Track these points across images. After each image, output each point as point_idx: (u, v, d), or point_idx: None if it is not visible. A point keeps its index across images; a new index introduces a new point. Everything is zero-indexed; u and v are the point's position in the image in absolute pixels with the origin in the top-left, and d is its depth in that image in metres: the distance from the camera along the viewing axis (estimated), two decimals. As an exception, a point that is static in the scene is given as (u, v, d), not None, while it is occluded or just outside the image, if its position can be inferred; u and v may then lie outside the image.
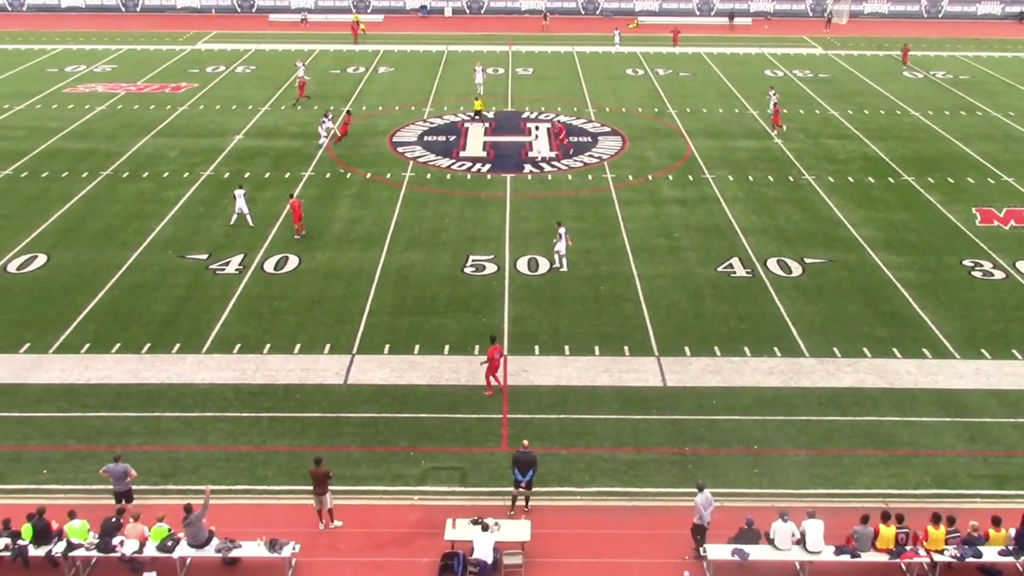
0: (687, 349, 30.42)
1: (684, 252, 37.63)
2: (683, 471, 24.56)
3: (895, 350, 30.46)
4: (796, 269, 36.12)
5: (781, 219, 41.02)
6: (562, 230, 36.17)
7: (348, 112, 53.64)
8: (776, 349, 30.44)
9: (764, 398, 27.84)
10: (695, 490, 21.82)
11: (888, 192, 44.62)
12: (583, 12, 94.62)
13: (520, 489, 22.70)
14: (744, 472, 24.59)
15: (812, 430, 26.39)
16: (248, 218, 39.71)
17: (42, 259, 36.58)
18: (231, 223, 39.79)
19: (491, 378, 28.03)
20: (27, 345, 30.39)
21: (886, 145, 51.71)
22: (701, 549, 21.20)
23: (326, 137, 50.74)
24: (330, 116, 52.26)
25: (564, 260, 35.97)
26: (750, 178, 46.24)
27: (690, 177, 46.38)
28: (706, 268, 36.16)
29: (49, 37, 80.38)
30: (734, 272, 35.85)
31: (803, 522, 21.07)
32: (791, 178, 46.32)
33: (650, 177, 46.41)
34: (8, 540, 20.86)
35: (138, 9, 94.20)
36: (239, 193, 39.96)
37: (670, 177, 46.42)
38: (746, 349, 30.43)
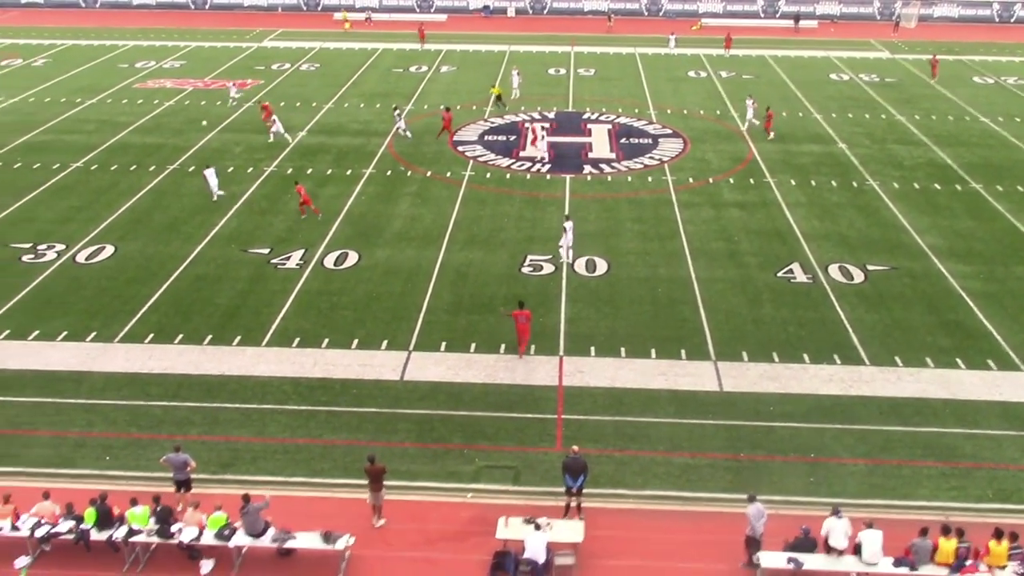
0: (744, 354, 30.13)
1: (743, 256, 37.28)
2: (738, 477, 24.34)
3: (959, 360, 29.86)
4: (858, 276, 35.58)
5: (844, 225, 40.43)
6: (568, 224, 36.41)
7: (447, 108, 53.47)
8: (836, 356, 30.02)
9: (822, 406, 27.47)
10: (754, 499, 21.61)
11: (955, 200, 43.73)
12: (646, 13, 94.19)
13: (572, 495, 22.66)
14: (800, 480, 24.29)
15: (871, 439, 25.97)
16: (214, 195, 42.39)
17: (109, 250, 37.40)
18: (213, 199, 42.19)
19: (522, 339, 29.66)
20: (93, 334, 31.11)
21: (954, 151, 50.69)
22: (754, 558, 20.98)
23: (405, 131, 51.07)
24: (400, 114, 52.54)
25: (570, 253, 36.17)
26: (812, 183, 45.65)
27: (751, 181, 45.93)
28: (765, 273, 35.79)
29: (121, 34, 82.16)
30: (794, 277, 35.43)
31: (860, 532, 20.77)
32: (855, 183, 45.63)
33: (711, 180, 46.05)
34: (72, 523, 21.40)
35: (207, 7, 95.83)
36: (209, 172, 42.60)
37: (731, 180, 46.01)
38: (805, 356, 30.06)
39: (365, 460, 22.62)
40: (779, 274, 35.69)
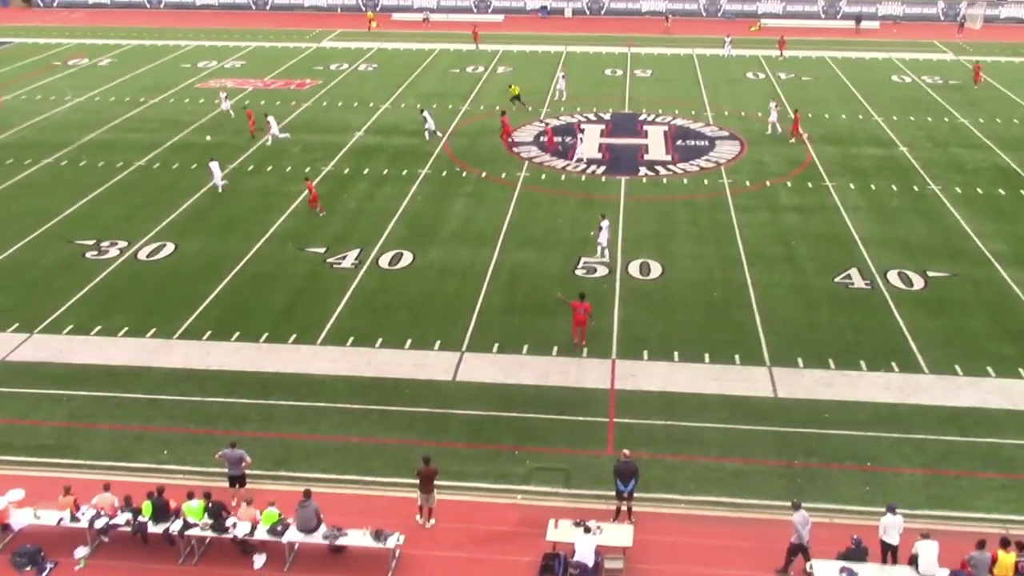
0: (800, 360, 29.78)
1: (800, 261, 36.83)
2: (792, 484, 24.06)
3: (1022, 371, 29.20)
4: (918, 282, 34.97)
5: (904, 230, 39.75)
6: (604, 223, 36.45)
7: (503, 112, 53.53)
8: (894, 364, 29.53)
9: (879, 414, 27.04)
10: (805, 503, 21.32)
11: (1020, 205, 42.75)
12: (704, 14, 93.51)
13: (623, 499, 22.57)
14: (855, 489, 23.94)
15: (929, 449, 25.51)
16: (219, 187, 43.97)
17: (170, 247, 38.08)
18: (219, 191, 43.83)
19: (577, 330, 30.18)
20: (153, 330, 31.69)
21: (1019, 156, 49.55)
22: (808, 567, 20.74)
23: (434, 132, 51.25)
24: (426, 113, 52.71)
25: (607, 252, 36.22)
26: (872, 187, 44.96)
27: (809, 184, 45.36)
28: (823, 278, 35.33)
29: (184, 34, 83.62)
30: (852, 283, 34.92)
31: (916, 543, 20.43)
32: (915, 188, 44.84)
33: (768, 183, 45.57)
34: (129, 516, 21.83)
35: (268, 7, 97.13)
36: (214, 164, 44.20)
37: (788, 184, 45.49)
38: (862, 363, 29.61)
39: (419, 461, 22.71)
40: (837, 279, 35.20)
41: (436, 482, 22.65)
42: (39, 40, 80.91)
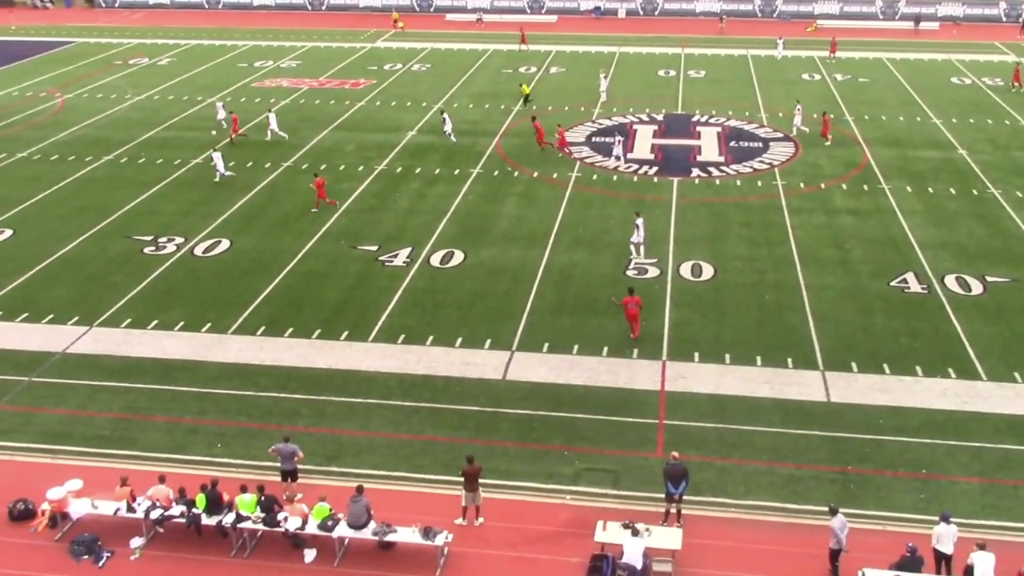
0: (854, 365, 29.39)
1: (855, 264, 36.35)
2: (844, 490, 23.76)
3: (1083, 379, 28.58)
4: (976, 287, 34.33)
5: (962, 234, 39.05)
6: (639, 221, 36.43)
7: (534, 118, 53.36)
8: (951, 370, 29.03)
9: (935, 420, 26.59)
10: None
11: (1083, 210, 41.85)
12: (759, 15, 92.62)
13: (673, 501, 22.45)
14: (909, 497, 23.58)
15: (986, 457, 25.03)
16: (224, 175, 45.45)
17: (225, 244, 38.62)
18: (222, 179, 45.30)
19: (632, 325, 30.67)
20: (208, 325, 32.16)
21: (1084, 159, 48.48)
22: (860, 573, 20.48)
23: (449, 135, 51.35)
24: (446, 115, 52.75)
25: (642, 249, 36.24)
26: (930, 190, 44.22)
27: (865, 187, 44.74)
28: (878, 282, 34.83)
29: (241, 34, 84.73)
30: (908, 287, 34.39)
31: (972, 554, 20.05)
32: (975, 191, 44.02)
33: (823, 185, 45.03)
34: (184, 508, 22.17)
35: (323, 8, 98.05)
36: (216, 155, 45.79)
37: (844, 186, 44.91)
38: (918, 368, 29.15)
39: (463, 461, 22.81)
40: (892, 283, 34.69)
41: (485, 480, 22.71)
42: (101, 40, 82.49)
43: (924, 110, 58.07)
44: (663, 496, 22.56)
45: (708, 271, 35.74)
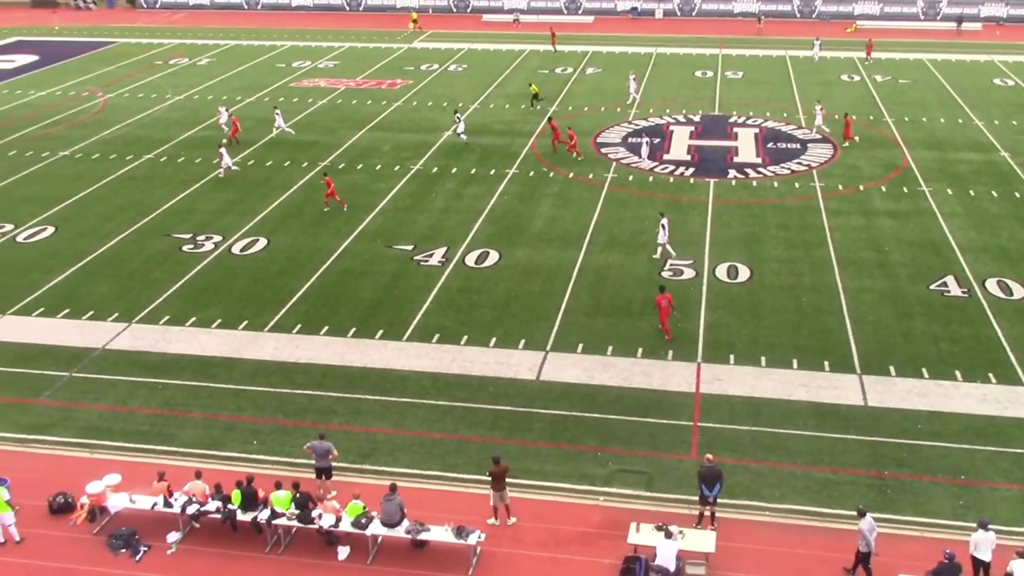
0: (892, 369, 29.07)
1: (894, 267, 35.96)
2: (881, 495, 23.51)
3: None
4: (1018, 291, 33.82)
5: (1004, 237, 38.50)
6: (664, 221, 36.63)
7: (550, 119, 53.29)
8: (991, 375, 28.61)
9: (975, 426, 26.23)
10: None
11: None
12: (798, 15, 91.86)
13: (707, 504, 22.33)
14: (948, 503, 23.27)
15: (1027, 464, 24.69)
16: (231, 169, 46.69)
17: (263, 242, 38.93)
18: (227, 174, 46.17)
19: (665, 323, 30.85)
20: (245, 322, 32.44)
21: None
22: (855, 572, 20.37)
23: (459, 135, 51.47)
24: (459, 115, 52.83)
25: (667, 249, 36.45)
26: (971, 192, 43.64)
27: (905, 189, 44.24)
28: (917, 285, 34.43)
29: (279, 34, 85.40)
30: (948, 291, 33.96)
31: (1012, 562, 19.78)
32: (1017, 194, 43.37)
33: (861, 187, 44.59)
34: (219, 503, 22.37)
35: (361, 8, 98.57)
36: (223, 151, 46.67)
37: (883, 188, 44.44)
38: (957, 373, 28.78)
39: (490, 462, 22.83)
40: (932, 287, 34.28)
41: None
42: (142, 40, 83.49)
43: (965, 112, 57.32)
44: (697, 499, 22.45)
45: (744, 273, 35.51)
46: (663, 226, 36.59)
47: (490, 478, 22.58)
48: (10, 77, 69.79)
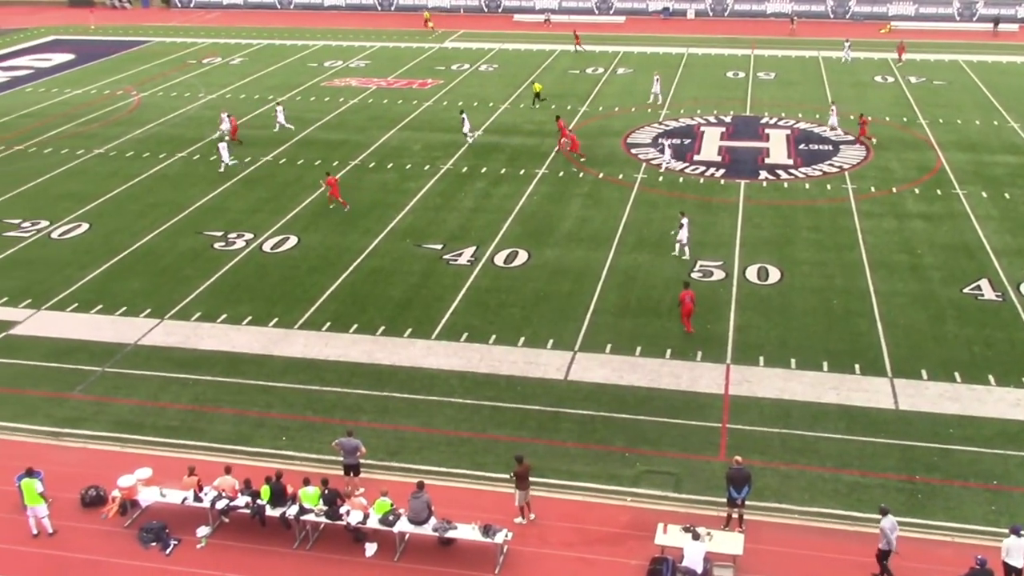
0: (924, 372, 28.80)
1: (927, 270, 35.61)
2: (912, 500, 23.30)
3: None
4: (1054, 296, 33.44)
5: (1040, 241, 38.07)
6: (684, 220, 36.62)
7: (558, 117, 53.13)
8: (1025, 380, 28.33)
9: (1008, 431, 25.92)
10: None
11: None
12: (832, 16, 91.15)
13: (735, 506, 22.22)
14: (979, 508, 23.02)
15: (1061, 470, 24.38)
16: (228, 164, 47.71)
17: (293, 240, 39.17)
18: (221, 170, 47.21)
19: (686, 320, 31.10)
20: (275, 320, 32.66)
21: None
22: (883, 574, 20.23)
23: (467, 134, 51.74)
24: (464, 115, 52.86)
25: (687, 248, 36.44)
26: (1006, 195, 43.12)
27: (938, 191, 43.79)
28: (950, 288, 34.08)
29: (312, 34, 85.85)
30: (982, 295, 33.58)
31: (1005, 540, 19.64)
32: (1054, 197, 42.86)
33: (894, 190, 44.20)
34: (248, 499, 22.54)
35: (392, 8, 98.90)
36: (223, 146, 47.85)
37: (916, 191, 44.02)
38: (990, 377, 28.45)
39: (514, 462, 22.86)
40: (965, 290, 33.92)
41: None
42: (176, 39, 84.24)
43: (1001, 113, 56.65)
44: (725, 500, 22.35)
45: (775, 275, 35.30)
46: (683, 224, 36.57)
47: (514, 478, 22.60)
48: (46, 75, 70.66)
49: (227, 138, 51.10)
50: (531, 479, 22.67)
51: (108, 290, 35.02)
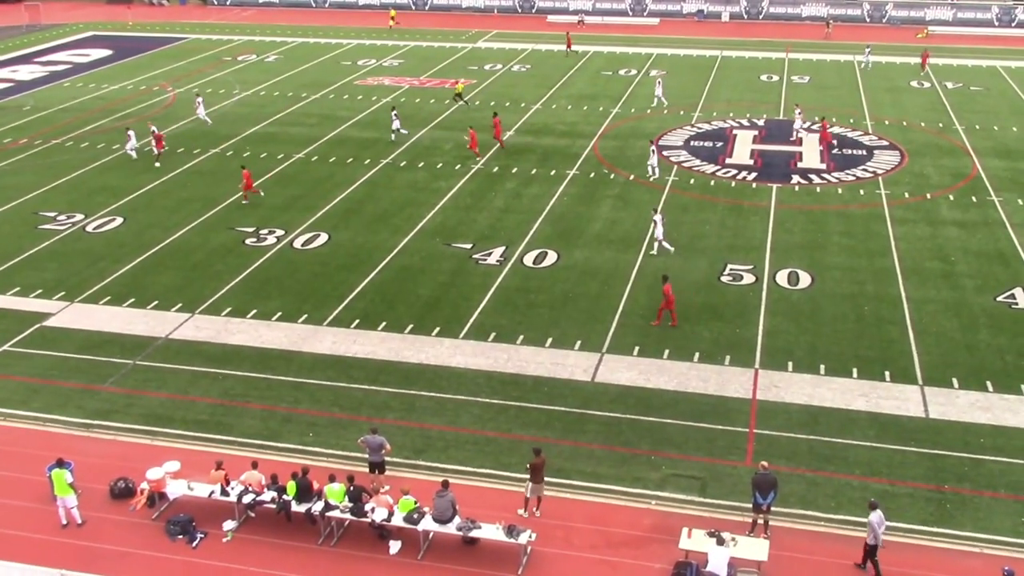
0: (955, 381, 28.49)
1: (960, 278, 35.23)
2: (940, 510, 23.05)
3: None
4: (1090, 306, 32.96)
5: (1076, 250, 37.55)
6: (657, 217, 36.95)
7: (495, 114, 53.08)
8: (1059, 391, 27.95)
9: (1040, 442, 25.62)
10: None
11: None
12: (868, 20, 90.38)
13: (761, 512, 22.09)
14: (1009, 519, 22.73)
15: (1094, 483, 24.02)
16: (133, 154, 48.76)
17: (324, 238, 39.38)
18: (134, 158, 48.52)
19: (662, 313, 31.57)
20: (305, 316, 32.85)
21: None
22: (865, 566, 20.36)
23: (398, 131, 52.17)
24: (395, 112, 53.27)
25: (667, 244, 36.72)
26: (1044, 203, 42.64)
27: (973, 198, 43.31)
28: (984, 296, 33.69)
29: (346, 32, 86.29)
30: (1016, 303, 33.18)
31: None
32: (1092, 206, 42.27)
33: (928, 196, 43.75)
34: (275, 494, 22.67)
35: (427, 8, 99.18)
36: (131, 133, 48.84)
37: (951, 197, 43.56)
38: (1023, 387, 28.10)
39: (531, 453, 22.93)
40: (999, 299, 33.52)
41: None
42: (212, 36, 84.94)
43: (1040, 120, 55.94)
44: (750, 506, 22.23)
45: (805, 280, 35.06)
46: (656, 221, 37.00)
47: (530, 470, 22.61)
48: (84, 71, 71.49)
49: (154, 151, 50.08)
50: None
51: (140, 284, 35.38)
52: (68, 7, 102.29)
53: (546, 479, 23.07)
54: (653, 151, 46.74)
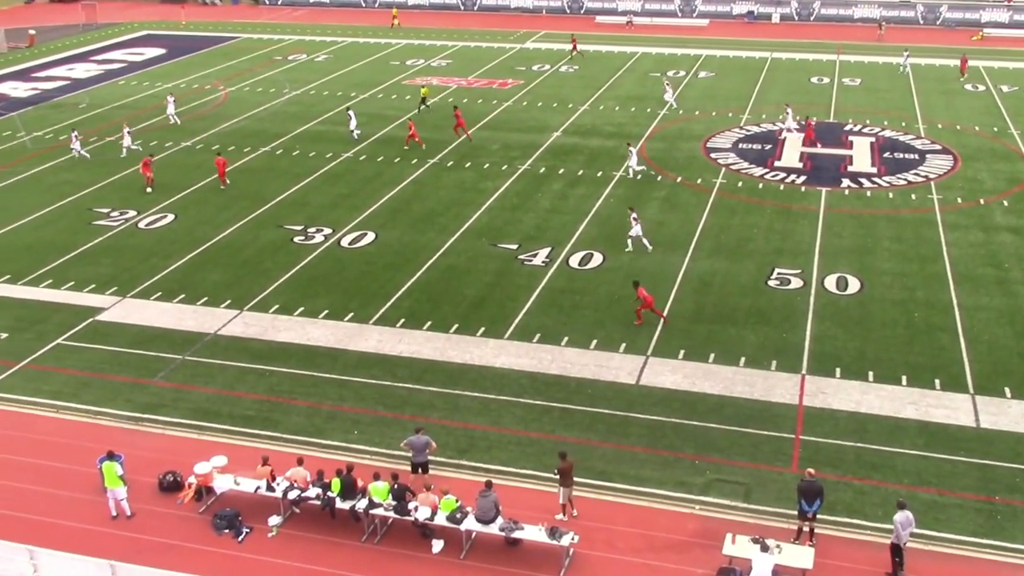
0: (1007, 390, 27.98)
1: (1014, 285, 34.59)
2: (991, 521, 22.66)
3: None
4: None
5: None
6: (633, 215, 37.52)
7: (456, 107, 53.82)
8: (1115, 402, 27.33)
9: (1095, 454, 25.09)
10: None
11: None
12: (922, 22, 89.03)
13: (806, 519, 21.86)
14: (1062, 532, 22.32)
15: None
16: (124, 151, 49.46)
17: (371, 236, 39.65)
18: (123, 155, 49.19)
19: (641, 312, 31.65)
20: (351, 314, 33.09)
21: None
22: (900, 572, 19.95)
23: (352, 132, 52.59)
24: (351, 112, 53.64)
25: (644, 241, 37.00)
26: (1102, 210, 41.70)
27: (1029, 204, 42.53)
28: (1039, 305, 33.10)
29: (395, 32, 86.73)
30: (1072, 312, 32.55)
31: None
32: None
33: (982, 201, 43.01)
34: (319, 490, 22.87)
35: (475, 8, 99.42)
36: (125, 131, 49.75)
37: (1005, 203, 42.78)
38: (1078, 398, 27.59)
39: (558, 458, 22.89)
40: (1054, 307, 32.90)
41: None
42: (263, 36, 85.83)
43: (1098, 125, 54.75)
44: (795, 513, 22.01)
45: (854, 285, 34.64)
46: (634, 220, 37.14)
47: (559, 474, 22.59)
48: (139, 69, 72.62)
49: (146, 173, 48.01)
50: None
51: (190, 280, 35.86)
52: (124, 6, 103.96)
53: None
54: (632, 152, 46.59)
